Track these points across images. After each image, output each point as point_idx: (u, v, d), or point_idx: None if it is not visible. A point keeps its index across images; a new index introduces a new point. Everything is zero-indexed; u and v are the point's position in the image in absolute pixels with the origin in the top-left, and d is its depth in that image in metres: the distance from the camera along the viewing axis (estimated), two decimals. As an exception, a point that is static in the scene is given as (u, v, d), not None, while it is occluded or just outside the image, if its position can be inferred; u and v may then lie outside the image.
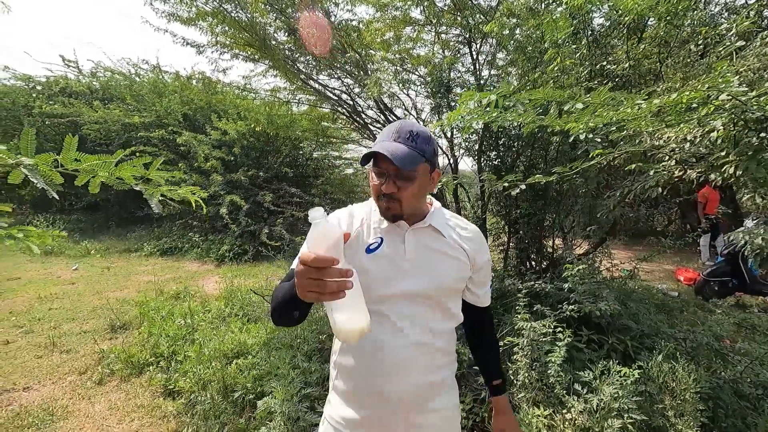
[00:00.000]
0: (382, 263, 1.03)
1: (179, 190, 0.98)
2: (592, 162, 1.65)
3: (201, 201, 1.05)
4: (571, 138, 1.42)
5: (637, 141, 1.70)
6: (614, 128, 1.35)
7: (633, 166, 1.76)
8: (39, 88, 10.34)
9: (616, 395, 1.91)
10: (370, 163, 1.04)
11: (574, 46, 2.99)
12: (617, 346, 2.63)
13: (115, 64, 11.28)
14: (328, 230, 0.76)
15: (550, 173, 1.74)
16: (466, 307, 1.19)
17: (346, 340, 0.80)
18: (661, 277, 5.74)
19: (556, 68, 2.76)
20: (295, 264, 0.97)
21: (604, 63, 2.80)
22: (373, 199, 1.06)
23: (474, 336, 1.29)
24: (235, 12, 3.52)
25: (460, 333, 1.29)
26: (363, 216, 1.10)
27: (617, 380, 1.99)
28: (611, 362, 2.09)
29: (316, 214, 0.76)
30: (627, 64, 2.62)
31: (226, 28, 3.87)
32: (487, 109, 1.73)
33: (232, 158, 8.14)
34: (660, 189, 1.86)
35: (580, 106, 1.23)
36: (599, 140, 1.54)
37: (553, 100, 1.47)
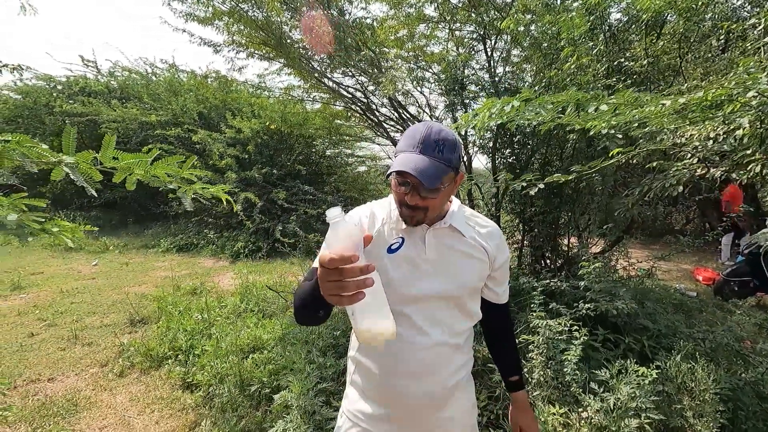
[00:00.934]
0: (403, 264, 1.03)
1: (211, 189, 1.01)
2: (612, 161, 1.64)
3: (232, 201, 1.08)
4: (591, 133, 1.41)
5: (658, 139, 1.68)
6: (636, 125, 1.34)
7: (654, 164, 1.74)
8: (59, 87, 10.57)
9: (633, 394, 1.90)
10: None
11: (591, 43, 2.95)
12: (634, 346, 2.61)
13: (132, 64, 11.47)
14: (348, 230, 0.73)
15: (569, 172, 1.73)
16: (485, 304, 1.18)
17: (369, 344, 0.78)
18: (678, 276, 5.64)
19: (572, 66, 2.73)
20: (316, 263, 0.96)
21: (622, 60, 2.76)
22: (395, 205, 1.04)
23: (492, 333, 1.28)
24: (251, 11, 3.56)
25: (476, 330, 1.30)
26: (383, 215, 1.09)
27: (634, 380, 1.97)
28: (628, 361, 2.07)
29: (333, 213, 0.73)
30: (645, 61, 2.58)
31: (242, 27, 3.92)
32: (505, 112, 1.73)
33: (247, 156, 8.23)
34: (681, 187, 1.83)
35: (604, 107, 1.22)
36: (620, 136, 1.53)
37: (576, 102, 1.46)
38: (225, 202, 1.07)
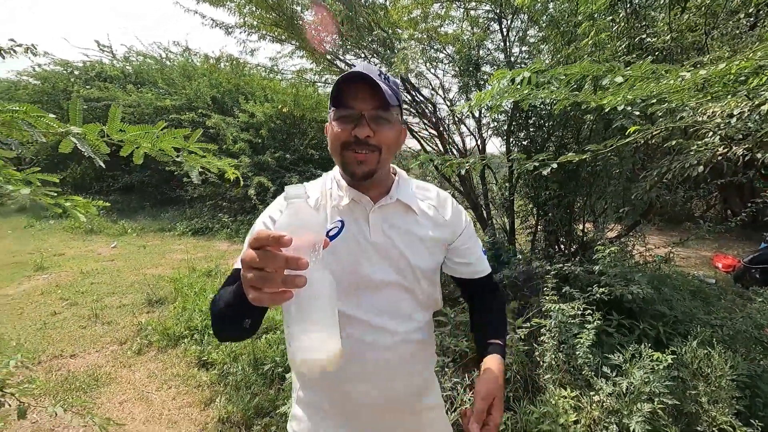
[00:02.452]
0: (345, 251, 0.86)
1: (217, 162, 1.01)
2: (629, 139, 1.58)
3: (238, 175, 1.07)
4: (607, 109, 1.36)
5: (678, 117, 1.61)
6: (654, 101, 1.28)
7: (673, 142, 1.68)
8: (76, 73, 10.72)
9: (647, 379, 1.87)
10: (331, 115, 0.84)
11: (610, 18, 2.84)
12: (649, 332, 2.57)
13: (147, 49, 11.53)
14: (306, 214, 0.56)
15: (584, 151, 1.68)
16: (461, 283, 1.04)
17: (304, 371, 0.58)
18: (697, 263, 5.52)
19: (590, 42, 2.64)
20: (238, 263, 0.79)
21: (644, 36, 2.65)
22: (337, 155, 0.85)
23: (479, 312, 1.07)
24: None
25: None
26: (317, 197, 0.92)
27: (648, 364, 1.95)
28: (642, 346, 2.04)
29: (295, 191, 0.57)
30: (669, 37, 2.47)
31: (254, 8, 3.88)
32: (518, 86, 1.68)
33: (260, 140, 8.27)
34: (701, 168, 1.76)
35: (619, 79, 1.17)
36: (638, 113, 1.47)
37: (590, 75, 1.41)
38: (231, 177, 1.06)
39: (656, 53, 2.51)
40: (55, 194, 0.94)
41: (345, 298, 0.86)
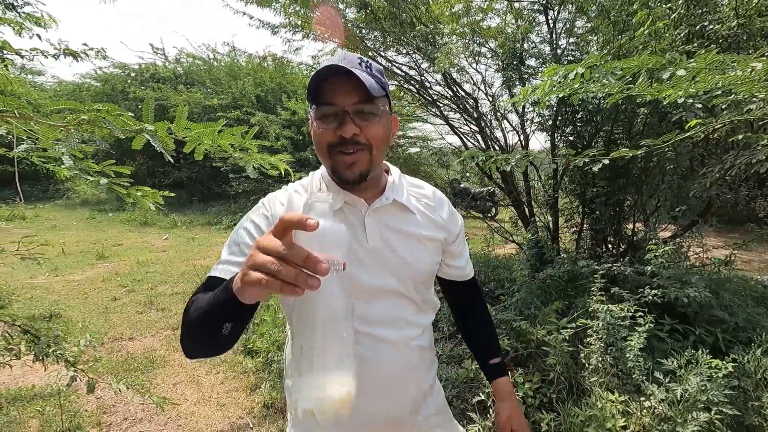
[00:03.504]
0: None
1: (270, 158, 1.06)
2: (689, 133, 1.49)
3: (290, 170, 1.12)
4: (666, 102, 1.29)
5: (745, 109, 1.51)
6: (719, 92, 1.20)
7: (739, 137, 1.57)
8: (133, 75, 11.41)
9: (703, 387, 1.77)
10: (313, 115, 0.77)
11: (668, 5, 2.68)
12: (706, 338, 2.42)
13: (196, 50, 12.11)
14: (331, 227, 0.49)
15: (638, 146, 1.61)
16: (450, 284, 1.02)
17: (317, 417, 0.48)
18: (761, 267, 5.12)
19: (646, 32, 2.50)
20: (215, 270, 0.77)
21: (706, 23, 2.48)
22: (324, 157, 0.79)
23: (465, 314, 1.09)
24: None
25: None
26: (305, 198, 0.76)
27: (705, 372, 1.84)
28: (699, 352, 1.93)
29: (322, 198, 0.50)
30: (735, 23, 2.30)
31: (298, 8, 3.97)
32: (570, 80, 1.63)
33: (301, 137, 8.47)
34: (771, 164, 1.64)
35: (682, 72, 1.10)
36: (700, 106, 1.38)
37: (648, 68, 1.34)
38: (283, 172, 1.11)
39: (720, 41, 2.35)
40: (128, 185, 1.01)
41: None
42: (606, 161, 1.80)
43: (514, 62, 3.64)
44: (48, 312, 3.79)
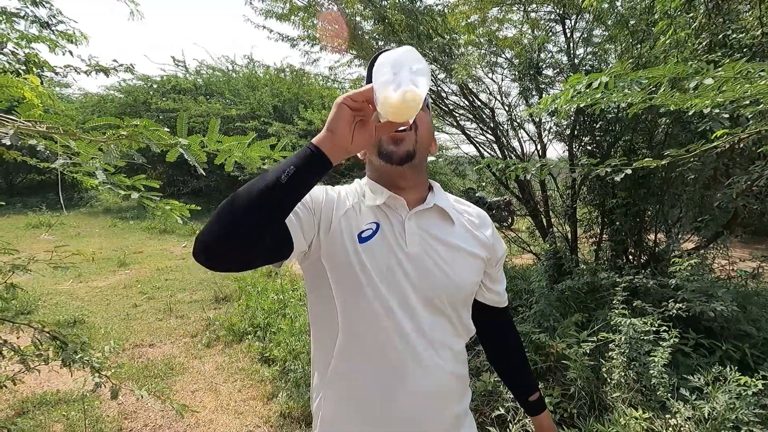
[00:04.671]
0: (379, 257, 0.78)
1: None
2: (715, 143, 1.47)
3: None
4: (691, 112, 1.27)
5: (773, 119, 1.48)
6: (747, 102, 1.18)
7: (766, 147, 1.54)
8: (155, 86, 11.75)
9: (732, 405, 1.72)
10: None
11: (690, 15, 2.65)
12: (733, 354, 2.35)
13: (215, 62, 12.41)
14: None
15: (661, 156, 1.59)
16: (485, 310, 0.97)
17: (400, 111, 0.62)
18: (790, 280, 4.94)
19: (667, 41, 2.48)
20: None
21: (729, 32, 2.45)
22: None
23: (499, 345, 1.04)
24: (327, 4, 3.68)
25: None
26: (352, 197, 0.86)
27: (734, 389, 1.78)
28: (727, 369, 1.87)
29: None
30: (759, 32, 2.26)
31: (316, 21, 4.05)
32: (591, 90, 1.62)
33: (317, 147, 8.58)
34: (801, 175, 1.60)
35: (709, 81, 1.09)
36: (726, 116, 1.36)
37: (675, 77, 1.33)
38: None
39: (743, 50, 2.31)
40: (157, 198, 1.04)
41: (380, 310, 0.78)
42: (629, 171, 1.77)
43: (531, 72, 3.64)
44: (72, 318, 3.89)
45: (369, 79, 0.79)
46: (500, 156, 4.09)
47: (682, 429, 1.78)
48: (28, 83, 0.80)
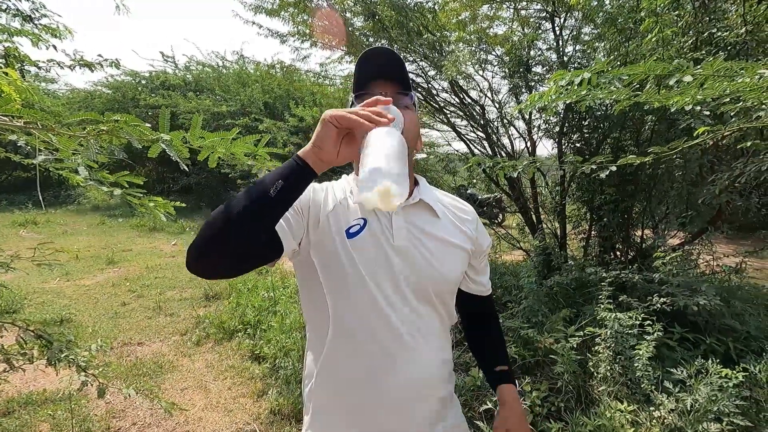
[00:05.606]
0: (367, 251, 0.81)
1: (281, 165, 1.07)
2: (697, 140, 1.49)
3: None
4: (673, 109, 1.29)
5: (753, 116, 1.50)
6: (727, 100, 1.20)
7: (748, 143, 1.56)
8: (143, 82, 11.59)
9: (714, 397, 1.75)
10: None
11: (676, 13, 2.68)
12: (717, 347, 2.39)
13: (205, 58, 12.26)
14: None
15: (646, 153, 1.61)
16: (468, 298, 1.00)
17: (369, 202, 0.59)
18: (773, 275, 5.04)
19: (653, 40, 2.51)
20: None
21: (714, 30, 2.48)
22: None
23: (475, 324, 1.08)
24: (317, 0, 3.66)
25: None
26: (340, 195, 0.88)
27: (716, 381, 1.82)
28: (709, 362, 1.91)
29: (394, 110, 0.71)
30: (743, 29, 2.30)
31: (306, 17, 4.03)
32: (576, 87, 1.63)
33: (308, 144, 8.54)
34: (781, 171, 1.63)
35: (688, 78, 1.11)
36: (708, 113, 1.38)
37: (655, 74, 1.35)
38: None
39: (728, 48, 2.34)
40: (141, 195, 1.03)
41: (368, 302, 0.80)
42: (614, 168, 1.80)
43: (521, 69, 3.66)
44: (59, 316, 3.84)
45: (356, 79, 0.84)
46: (490, 153, 4.11)
47: (665, 421, 1.81)
48: (7, 77, 0.78)
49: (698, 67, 1.11)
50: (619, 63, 2.83)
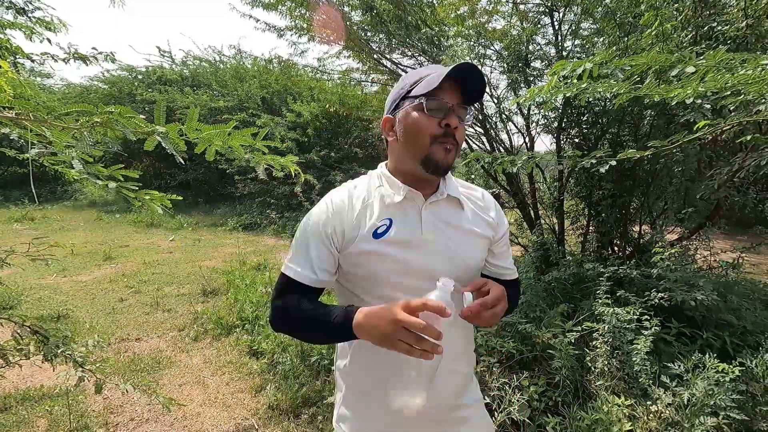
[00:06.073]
0: (393, 250, 0.86)
1: (280, 159, 1.06)
2: (697, 134, 1.49)
3: (299, 170, 1.12)
4: (674, 102, 1.28)
5: (754, 110, 1.50)
6: (728, 93, 1.20)
7: (747, 138, 1.56)
8: (140, 77, 11.50)
9: (711, 391, 1.76)
10: (403, 110, 0.86)
11: (676, 6, 2.67)
12: (713, 342, 2.40)
13: (202, 53, 12.19)
14: (447, 306, 0.71)
15: (646, 148, 1.60)
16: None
17: (404, 407, 0.75)
18: (770, 271, 5.07)
19: (653, 33, 2.49)
20: (287, 270, 0.90)
21: (714, 24, 2.47)
22: (422, 148, 0.85)
23: None
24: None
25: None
26: (363, 194, 0.92)
27: (713, 376, 1.82)
28: (707, 356, 1.92)
29: (448, 284, 0.75)
30: (743, 23, 2.29)
31: (304, 11, 4.00)
32: (575, 80, 1.62)
33: (306, 139, 8.50)
34: (780, 166, 1.63)
35: (690, 69, 1.10)
36: (708, 107, 1.37)
37: (657, 66, 1.34)
38: (293, 172, 1.11)
39: (728, 42, 2.33)
40: (136, 188, 1.02)
41: (398, 290, 0.87)
42: (613, 162, 1.79)
43: (520, 64, 3.64)
44: (56, 312, 3.82)
45: (429, 76, 0.84)
46: (489, 148, 4.10)
47: (662, 415, 1.82)
48: (-1, 69, 0.77)
49: (701, 57, 1.10)
50: (618, 57, 2.81)
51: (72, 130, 0.74)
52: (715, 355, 1.94)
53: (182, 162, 0.82)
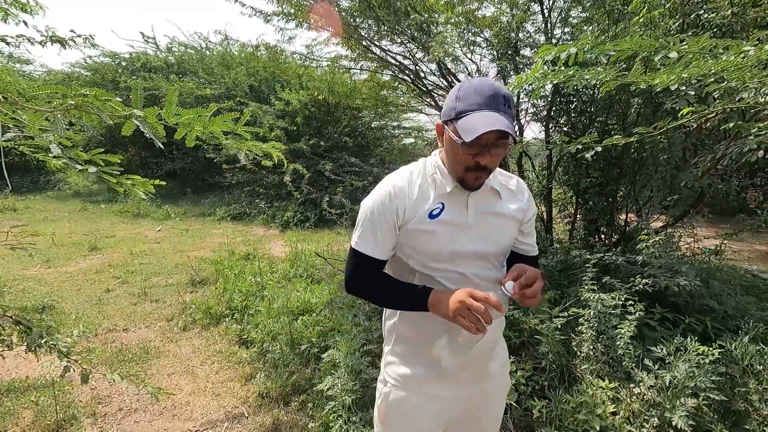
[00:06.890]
0: (445, 228, 1.03)
1: (262, 145, 1.04)
2: (681, 121, 1.50)
3: (282, 157, 1.11)
4: (659, 89, 1.29)
5: (737, 97, 1.51)
6: (712, 79, 1.21)
7: (731, 125, 1.58)
8: (123, 64, 11.21)
9: (691, 373, 1.81)
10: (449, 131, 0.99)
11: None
12: (695, 327, 2.46)
13: (188, 39, 11.90)
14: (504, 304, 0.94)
15: (631, 134, 1.61)
16: (516, 258, 1.19)
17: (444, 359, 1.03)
18: (751, 257, 5.20)
19: (641, 21, 2.50)
20: (358, 246, 1.06)
21: (701, 11, 2.48)
22: (457, 173, 1.00)
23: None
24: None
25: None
26: (420, 181, 1.07)
27: (694, 358, 1.87)
28: (688, 340, 1.96)
29: (509, 288, 0.95)
30: (729, 12, 2.30)
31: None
32: (563, 67, 1.62)
33: (295, 128, 8.40)
34: (761, 153, 1.66)
35: (674, 55, 1.10)
36: (693, 93, 1.38)
37: (641, 54, 1.34)
38: (275, 159, 1.10)
39: (714, 30, 2.35)
40: (117, 173, 1.00)
41: (447, 261, 1.04)
42: (599, 148, 1.80)
43: (509, 52, 3.62)
44: (41, 303, 3.76)
45: (472, 122, 0.91)
46: (478, 137, 4.09)
47: (645, 397, 1.87)
48: (-32, 49, 0.74)
49: (683, 42, 1.10)
50: (604, 43, 2.82)
51: (45, 113, 0.72)
52: (696, 338, 1.99)
53: (161, 147, 0.80)
